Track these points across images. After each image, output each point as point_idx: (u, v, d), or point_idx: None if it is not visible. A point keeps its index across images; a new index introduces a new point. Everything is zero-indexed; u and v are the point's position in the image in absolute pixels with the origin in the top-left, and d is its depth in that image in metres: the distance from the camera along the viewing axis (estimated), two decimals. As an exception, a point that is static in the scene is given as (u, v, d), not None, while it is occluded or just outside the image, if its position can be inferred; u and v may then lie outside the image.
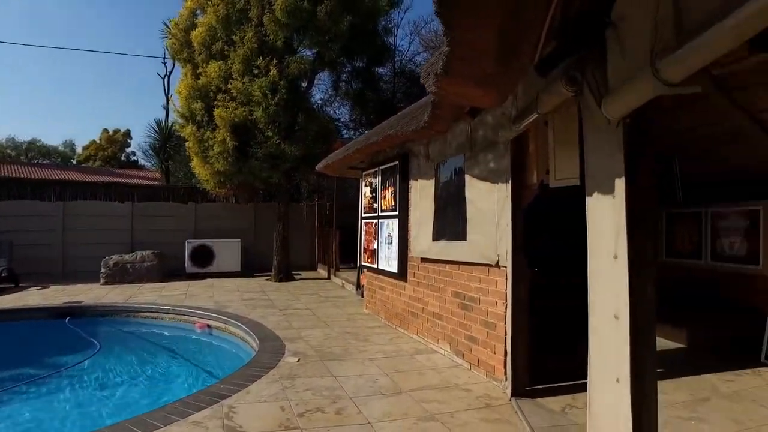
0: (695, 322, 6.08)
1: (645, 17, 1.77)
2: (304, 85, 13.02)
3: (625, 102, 1.85)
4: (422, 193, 6.21)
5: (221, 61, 11.61)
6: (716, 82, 5.43)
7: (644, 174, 1.95)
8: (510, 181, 4.38)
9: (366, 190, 8.41)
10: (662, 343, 6.33)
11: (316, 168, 10.40)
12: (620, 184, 1.96)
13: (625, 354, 1.98)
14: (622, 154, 1.93)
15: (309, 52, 12.89)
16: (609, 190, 2.04)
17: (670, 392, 4.59)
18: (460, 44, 2.13)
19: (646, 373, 1.97)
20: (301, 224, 15.66)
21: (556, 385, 4.57)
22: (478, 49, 2.14)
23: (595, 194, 2.20)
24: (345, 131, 17.48)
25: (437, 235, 5.78)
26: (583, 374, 2.54)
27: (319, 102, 16.30)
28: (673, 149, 6.61)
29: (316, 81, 14.52)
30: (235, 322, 7.56)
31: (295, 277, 13.91)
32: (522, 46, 2.19)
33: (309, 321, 7.81)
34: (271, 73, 11.10)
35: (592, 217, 2.27)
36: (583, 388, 2.91)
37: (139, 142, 43.55)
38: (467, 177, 5.13)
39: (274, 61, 11.20)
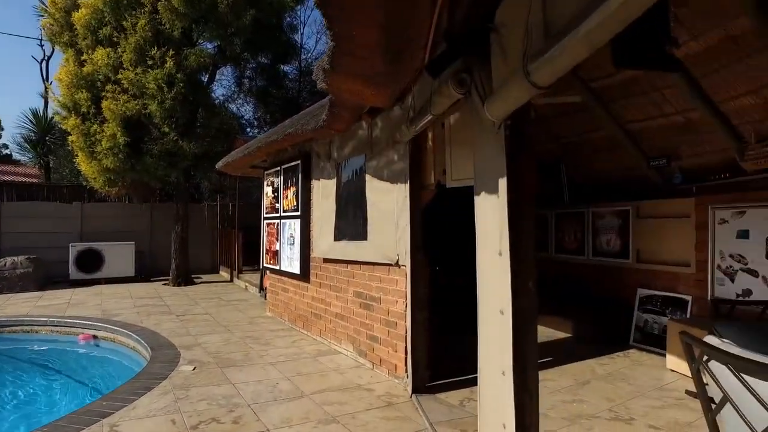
0: (579, 314, 6.60)
1: (519, 22, 1.86)
2: (204, 79, 12.38)
3: (504, 104, 1.93)
4: (324, 193, 6.14)
5: (110, 49, 10.67)
6: (595, 94, 5.98)
7: (525, 175, 2.05)
8: (408, 182, 4.45)
9: (268, 190, 8.17)
10: (551, 334, 6.83)
11: (216, 166, 9.92)
12: (503, 184, 2.05)
13: (508, 348, 2.06)
14: (504, 156, 2.02)
15: (210, 45, 12.28)
16: (494, 189, 2.12)
17: (557, 378, 4.95)
18: (344, 39, 2.11)
19: (528, 365, 2.07)
20: (202, 225, 14.88)
21: (455, 379, 4.72)
22: (363, 46, 2.13)
23: (483, 194, 2.28)
24: (249, 129, 16.92)
25: (339, 235, 5.75)
26: (480, 368, 2.63)
27: (222, 98, 15.63)
28: (562, 154, 7.15)
29: (217, 76, 13.90)
30: (124, 331, 6.99)
31: (196, 280, 13.19)
32: (410, 45, 2.21)
33: (208, 326, 7.42)
34: (167, 65, 10.41)
35: (479, 216, 2.35)
36: (478, 381, 3.05)
37: (12, 134, 38.80)
38: (368, 177, 5.15)
39: (171, 53, 10.50)
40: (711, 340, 2.03)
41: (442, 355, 5.32)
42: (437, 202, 4.75)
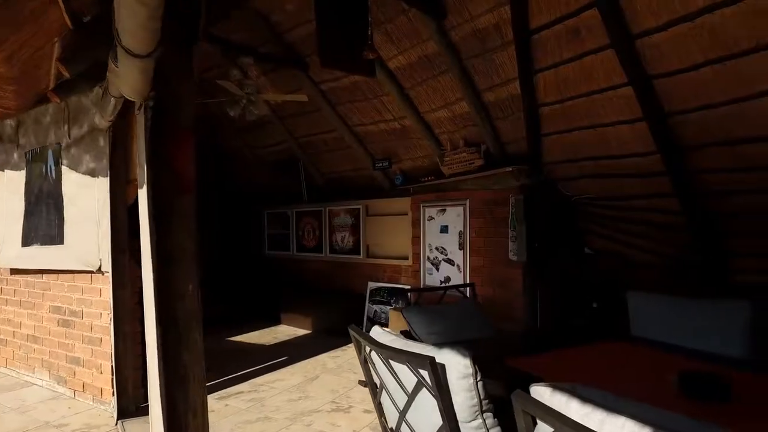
0: (318, 310, 6.81)
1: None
2: None
3: (124, 80, 1.68)
4: (10, 188, 4.94)
5: None
6: (325, 96, 6.23)
7: (175, 163, 1.80)
8: (109, 175, 3.84)
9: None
10: (292, 332, 6.89)
11: None
12: (147, 174, 1.78)
13: (160, 362, 1.81)
14: (145, 141, 1.76)
15: None
16: (143, 180, 1.85)
17: (288, 377, 4.94)
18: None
19: (189, 379, 1.86)
20: None
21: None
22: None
23: (142, 186, 1.98)
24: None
25: (28, 240, 4.68)
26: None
27: None
28: (300, 152, 7.27)
29: None
30: None
31: None
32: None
33: None
34: None
35: (141, 212, 2.04)
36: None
37: None
38: (65, 169, 4.30)
39: None
40: (375, 331, 2.13)
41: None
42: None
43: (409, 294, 6.20)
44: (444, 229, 5.71)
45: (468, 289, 4.27)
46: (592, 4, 3.42)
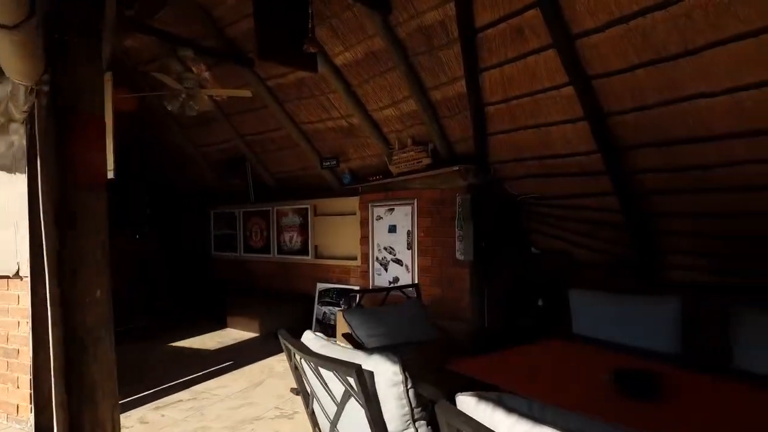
0: (267, 312, 6.60)
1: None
2: None
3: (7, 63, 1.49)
4: None
5: None
6: (272, 93, 6.05)
7: (75, 154, 1.60)
8: (27, 172, 3.53)
9: None
10: (238, 336, 6.65)
11: None
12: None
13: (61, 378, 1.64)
14: (38, 133, 1.58)
15: None
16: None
17: (231, 384, 4.73)
18: None
19: (99, 395, 1.68)
20: None
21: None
22: None
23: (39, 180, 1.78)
24: None
25: (-62, 243, 4.27)
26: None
27: None
28: (248, 151, 7.04)
29: None
30: None
31: None
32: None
33: None
34: None
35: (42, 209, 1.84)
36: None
37: None
38: (-22, 165, 3.94)
39: None
40: (306, 337, 2.02)
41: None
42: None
43: (355, 295, 6.12)
44: (392, 229, 5.65)
45: (413, 289, 4.20)
46: (534, 4, 3.43)
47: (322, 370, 1.72)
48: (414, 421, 1.63)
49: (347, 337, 3.28)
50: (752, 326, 2.68)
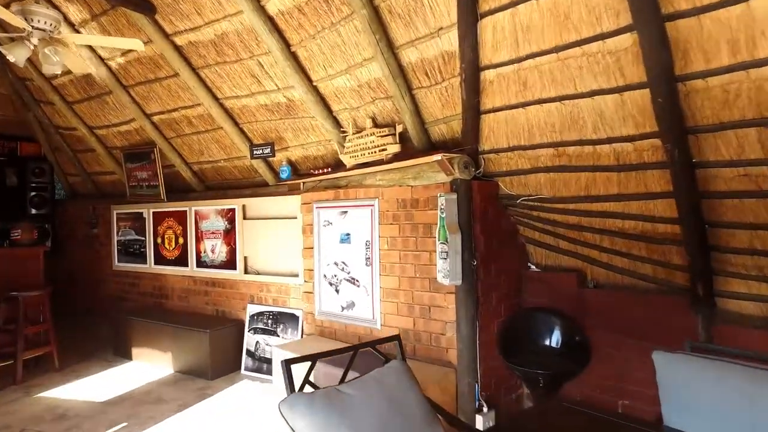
0: (181, 341, 5.08)
1: None
2: None
3: None
4: None
5: None
6: (182, 54, 4.52)
7: None
8: None
9: None
10: (144, 374, 5.08)
11: None
12: None
13: None
14: None
15: None
16: None
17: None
18: None
19: None
20: None
21: None
22: None
23: None
24: None
25: None
26: None
27: None
28: (157, 135, 5.44)
29: None
30: None
31: None
32: None
33: None
34: None
35: None
36: None
37: None
38: None
39: None
40: None
41: None
42: None
43: (289, 365, 4.74)
44: (345, 239, 4.30)
45: (395, 344, 2.56)
46: None
47: None
48: None
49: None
50: None
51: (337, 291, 4.38)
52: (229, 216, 5.30)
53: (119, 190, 6.45)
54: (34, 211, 6.97)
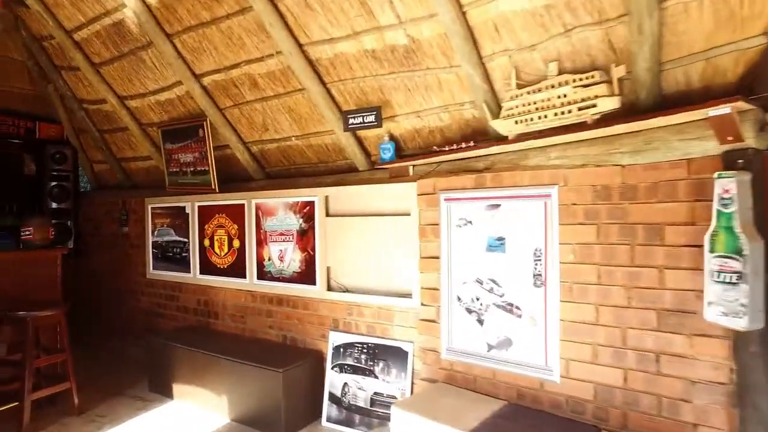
0: (238, 377, 3.75)
1: None
2: None
3: None
4: None
5: None
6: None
7: None
8: None
9: None
10: (188, 422, 3.76)
11: None
12: None
13: None
14: None
15: None
16: None
17: None
18: None
19: None
20: None
21: None
22: None
23: None
24: None
25: None
26: None
27: None
28: (207, 103, 4.11)
29: None
30: None
31: None
32: None
33: None
34: None
35: None
36: None
37: None
38: None
39: None
40: None
41: None
42: None
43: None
44: (496, 245, 2.90)
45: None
46: None
47: None
48: None
49: None
50: None
51: (480, 321, 2.98)
52: (306, 212, 3.93)
53: (155, 179, 5.16)
54: (54, 205, 5.74)
